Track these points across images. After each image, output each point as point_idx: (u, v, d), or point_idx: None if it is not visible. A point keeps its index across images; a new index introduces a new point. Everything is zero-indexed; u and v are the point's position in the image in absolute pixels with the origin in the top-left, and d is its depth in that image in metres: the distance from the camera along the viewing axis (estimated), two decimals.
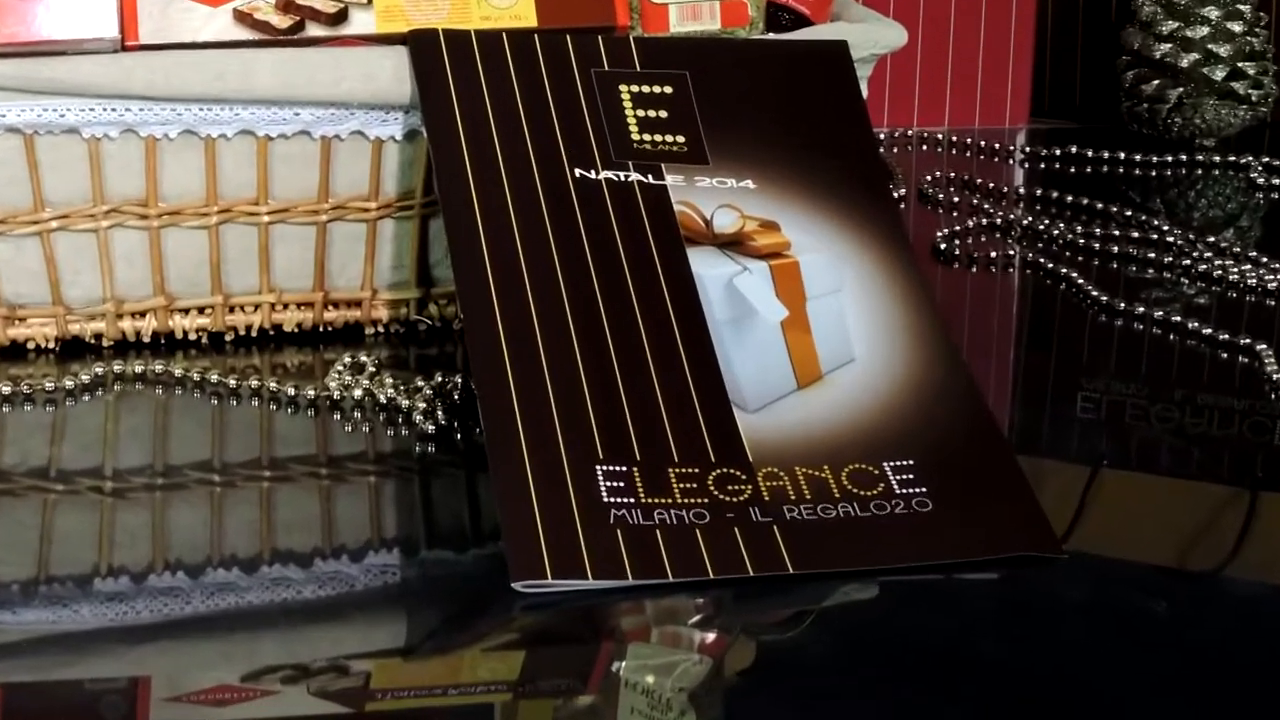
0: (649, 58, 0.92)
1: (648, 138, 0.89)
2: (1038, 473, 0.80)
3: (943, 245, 1.16)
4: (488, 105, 0.87)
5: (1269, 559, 0.76)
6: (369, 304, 0.96)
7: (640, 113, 0.90)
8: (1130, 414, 0.90)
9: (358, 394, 0.87)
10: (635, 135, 0.88)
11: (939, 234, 1.17)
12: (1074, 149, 1.43)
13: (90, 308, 0.92)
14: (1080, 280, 1.08)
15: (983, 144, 1.48)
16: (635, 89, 0.90)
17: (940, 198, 1.29)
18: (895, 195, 1.27)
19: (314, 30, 0.91)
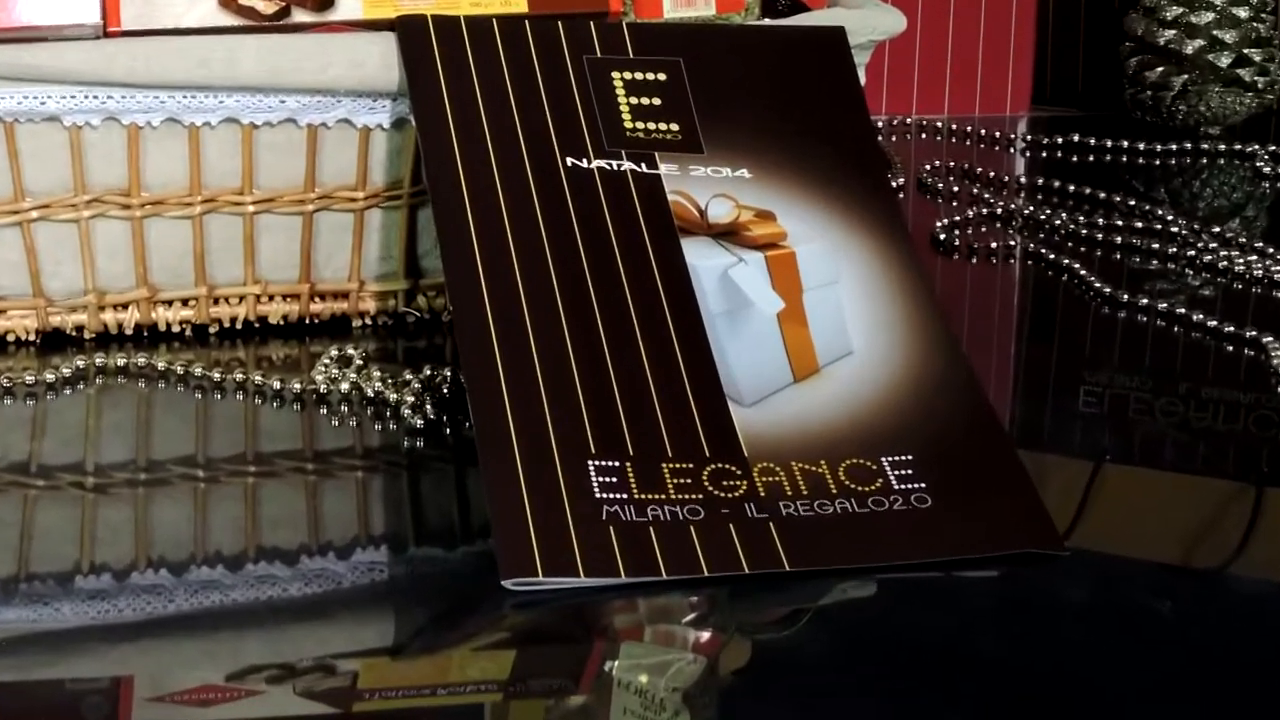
0: (642, 44, 0.92)
1: (641, 126, 0.89)
2: (1039, 468, 0.80)
3: (942, 236, 1.16)
4: (477, 93, 0.87)
5: (1275, 556, 0.76)
6: (356, 295, 0.96)
7: (633, 100, 0.89)
8: (1134, 408, 0.90)
9: (345, 387, 0.87)
10: (628, 123, 0.88)
11: (938, 224, 1.17)
12: (1076, 137, 1.43)
13: (72, 299, 0.92)
14: (1083, 271, 1.08)
15: (983, 132, 1.48)
16: (628, 76, 0.90)
17: (940, 187, 1.29)
18: (894, 185, 1.27)
19: (300, 16, 0.90)
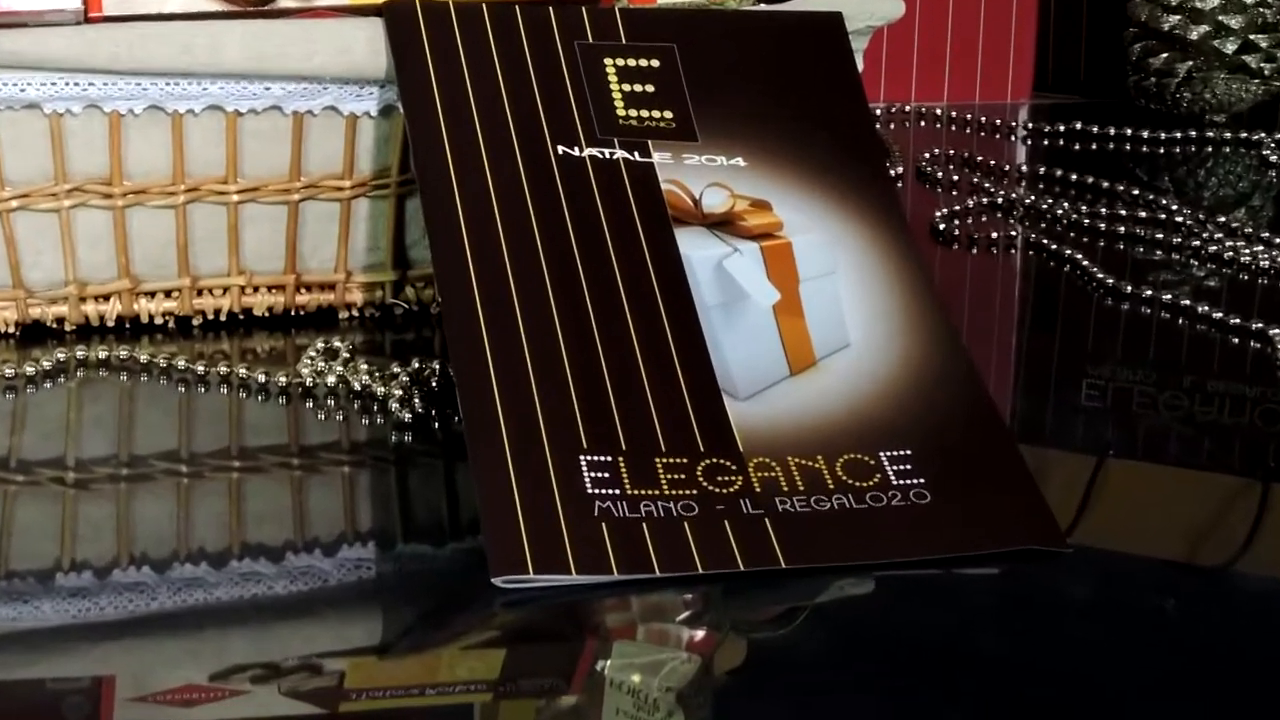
0: (635, 30, 0.92)
1: (634, 113, 0.89)
2: (1041, 463, 0.80)
3: (942, 225, 1.16)
4: (467, 79, 0.87)
5: None
6: (343, 287, 0.96)
7: (626, 87, 0.89)
8: (1137, 401, 0.90)
9: (331, 381, 0.87)
10: (621, 110, 0.88)
11: (938, 214, 1.17)
12: (1079, 125, 1.43)
13: (52, 291, 0.92)
14: (1085, 262, 1.08)
15: (983, 120, 1.48)
16: (621, 62, 0.90)
17: (939, 176, 1.29)
18: (892, 174, 1.27)
19: (285, 1, 0.90)
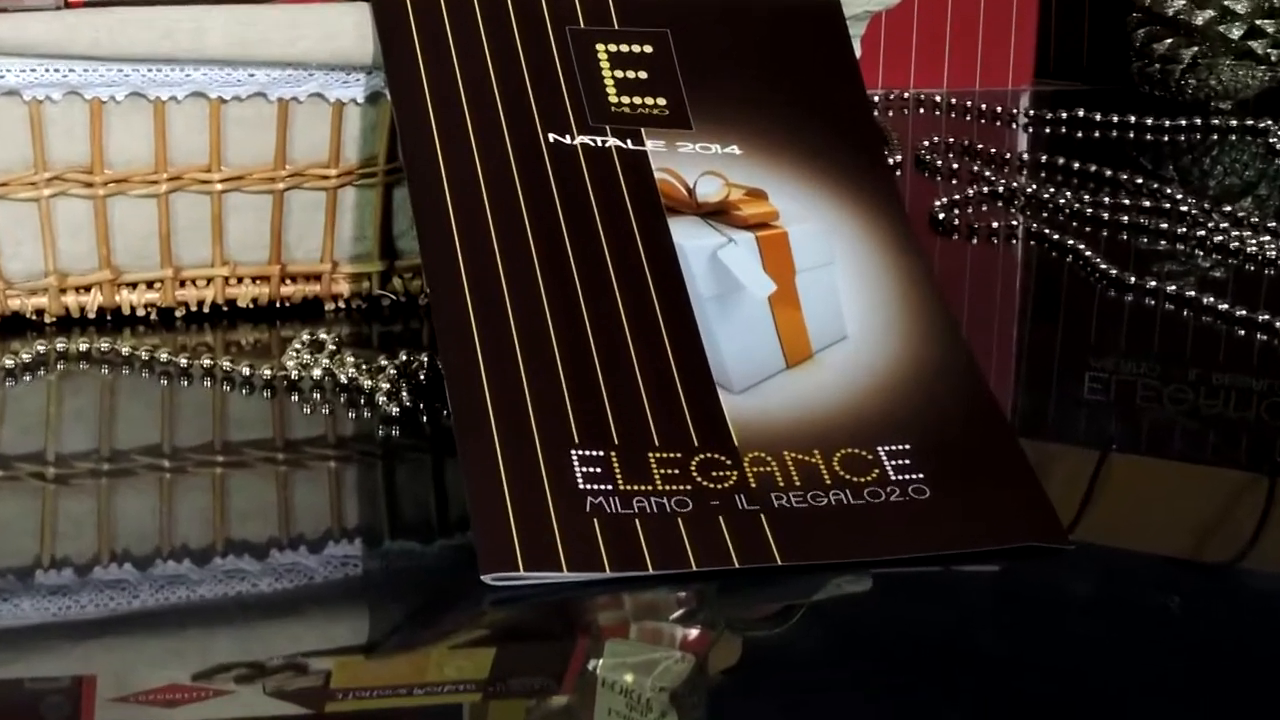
0: (628, 15, 0.91)
1: (626, 100, 0.89)
2: (1042, 458, 0.80)
3: (941, 215, 1.16)
4: (456, 65, 0.87)
5: None
6: (329, 278, 0.96)
7: (618, 73, 0.89)
8: (1141, 395, 0.90)
9: (317, 374, 0.87)
10: (613, 97, 0.88)
11: (937, 203, 1.17)
12: (1081, 112, 1.43)
13: (32, 282, 0.92)
14: (1088, 252, 1.08)
15: (984, 107, 1.48)
16: (613, 48, 0.90)
17: (938, 164, 1.29)
18: (890, 162, 1.27)
19: None
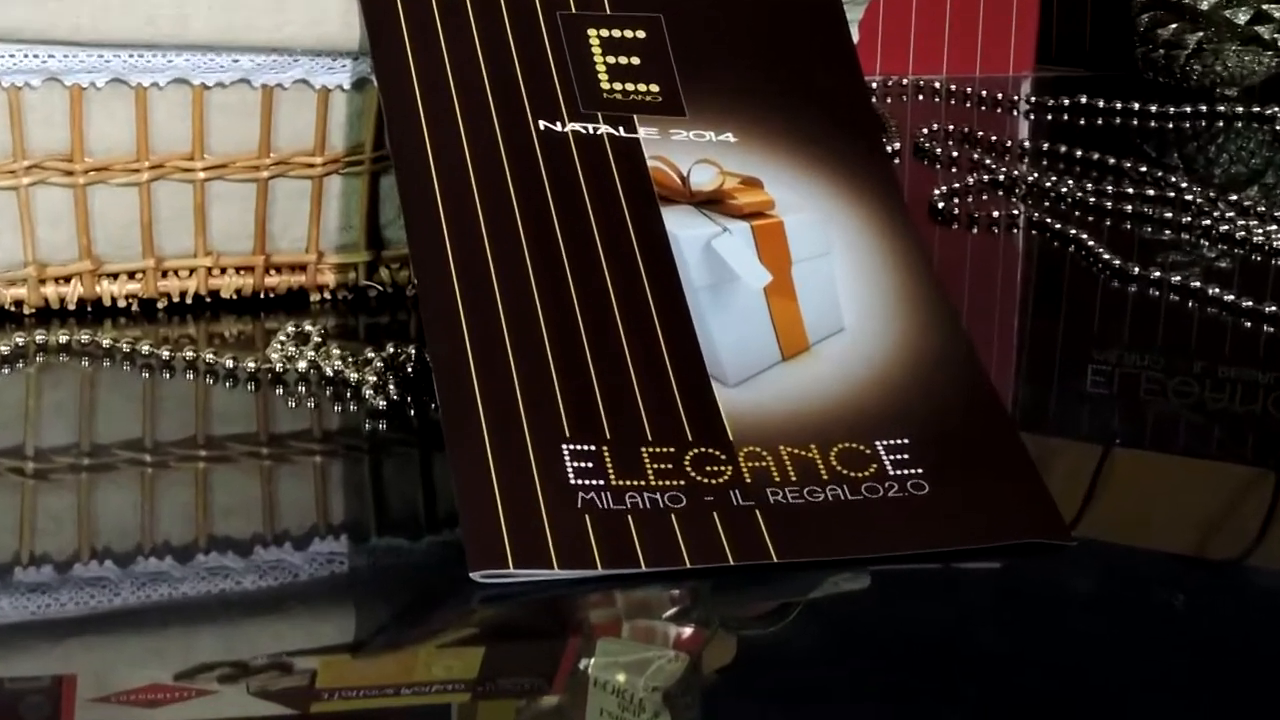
0: None
1: (618, 86, 0.88)
2: (1044, 452, 0.80)
3: (940, 204, 1.16)
4: (444, 51, 0.87)
5: None
6: (314, 268, 0.96)
7: (610, 59, 0.89)
8: (1145, 388, 0.90)
9: (302, 366, 0.87)
10: (605, 84, 0.88)
11: (936, 192, 1.17)
12: (1084, 99, 1.43)
13: (10, 272, 0.92)
14: (1091, 242, 1.08)
15: (984, 93, 1.48)
16: (605, 33, 0.90)
17: (938, 152, 1.29)
18: (889, 150, 1.27)
19: None
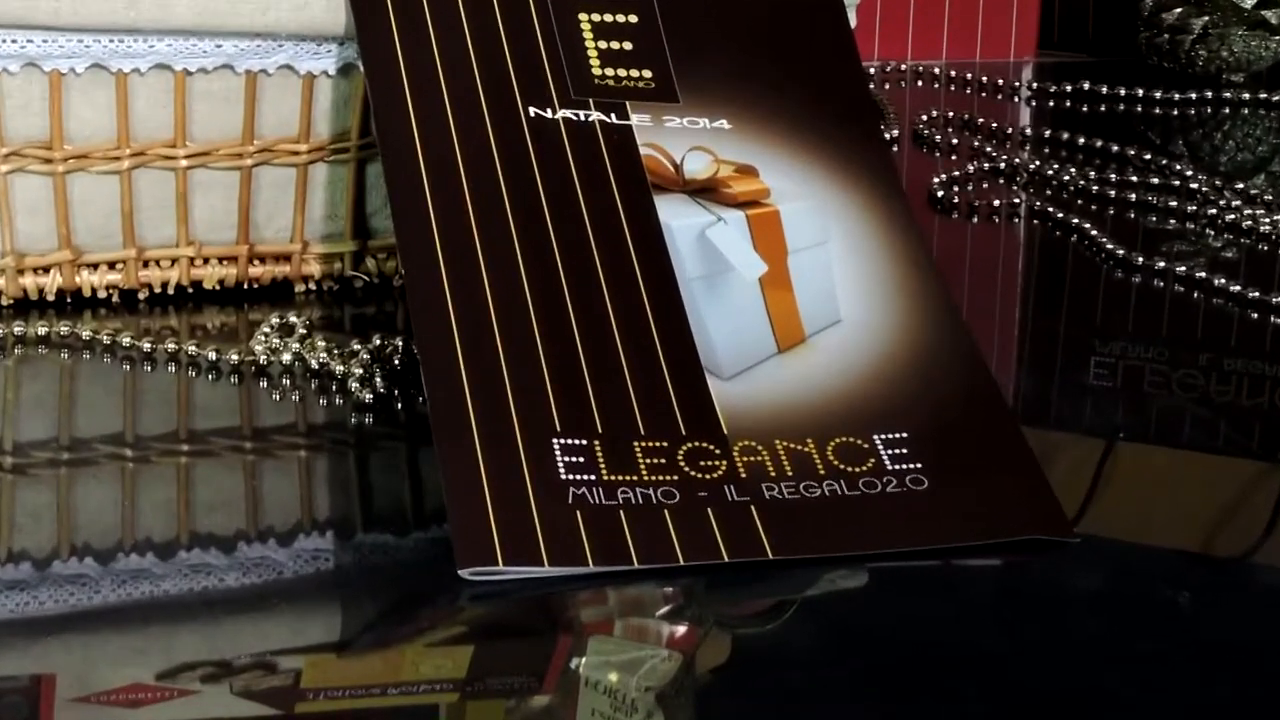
0: None
1: (610, 72, 0.88)
2: (1046, 447, 0.80)
3: (940, 192, 1.16)
4: (432, 35, 0.87)
5: None
6: (299, 258, 0.96)
7: (602, 44, 0.89)
8: (1149, 381, 0.90)
9: (287, 358, 0.87)
10: (596, 70, 0.88)
11: (936, 180, 1.17)
12: (1086, 85, 1.43)
13: None
14: (1093, 231, 1.08)
15: (985, 79, 1.48)
16: (596, 18, 0.90)
17: (938, 139, 1.29)
18: (887, 137, 1.27)
19: None
